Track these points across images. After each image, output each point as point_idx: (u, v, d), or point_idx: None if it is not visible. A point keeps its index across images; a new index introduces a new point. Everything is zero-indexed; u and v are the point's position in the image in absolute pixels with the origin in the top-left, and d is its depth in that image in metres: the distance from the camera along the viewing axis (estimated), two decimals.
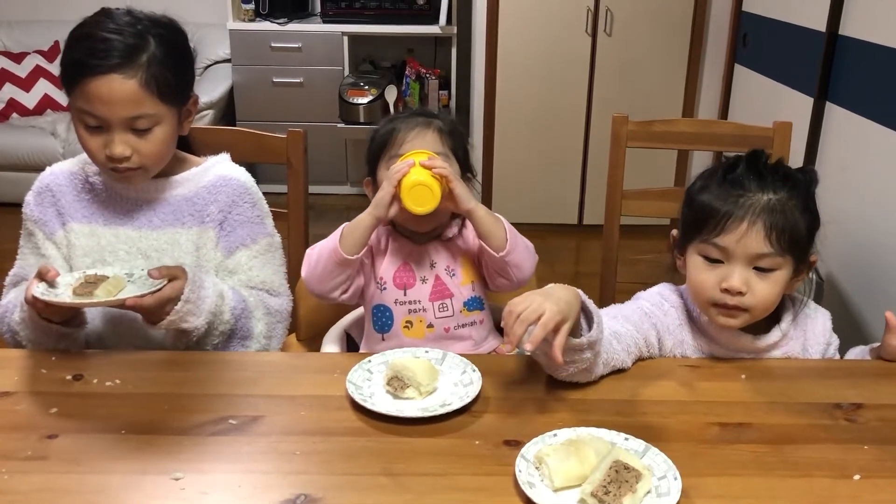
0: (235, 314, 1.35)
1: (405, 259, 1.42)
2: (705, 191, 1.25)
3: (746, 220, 1.19)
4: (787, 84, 2.81)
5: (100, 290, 1.21)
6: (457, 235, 1.45)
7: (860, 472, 1.00)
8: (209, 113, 4.00)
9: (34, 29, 4.35)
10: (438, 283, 1.42)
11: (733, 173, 1.24)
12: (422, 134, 1.40)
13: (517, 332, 1.05)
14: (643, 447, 1.02)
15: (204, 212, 1.40)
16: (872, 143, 2.20)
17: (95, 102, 1.26)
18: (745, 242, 1.20)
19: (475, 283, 1.45)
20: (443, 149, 1.40)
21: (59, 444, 1.03)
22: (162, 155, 1.35)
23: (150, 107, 1.29)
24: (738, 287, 1.20)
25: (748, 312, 1.23)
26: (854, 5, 2.35)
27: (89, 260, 1.38)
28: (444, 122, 1.43)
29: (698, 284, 1.25)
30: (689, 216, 1.27)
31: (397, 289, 1.41)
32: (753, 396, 1.19)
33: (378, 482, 0.97)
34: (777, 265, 1.21)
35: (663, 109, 3.68)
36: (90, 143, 1.31)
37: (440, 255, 1.43)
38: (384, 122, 1.45)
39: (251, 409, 1.12)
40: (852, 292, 2.23)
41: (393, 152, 1.39)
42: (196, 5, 4.17)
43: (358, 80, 4.06)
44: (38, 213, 1.41)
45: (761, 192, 1.21)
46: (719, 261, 1.23)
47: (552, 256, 3.61)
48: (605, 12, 3.68)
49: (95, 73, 1.25)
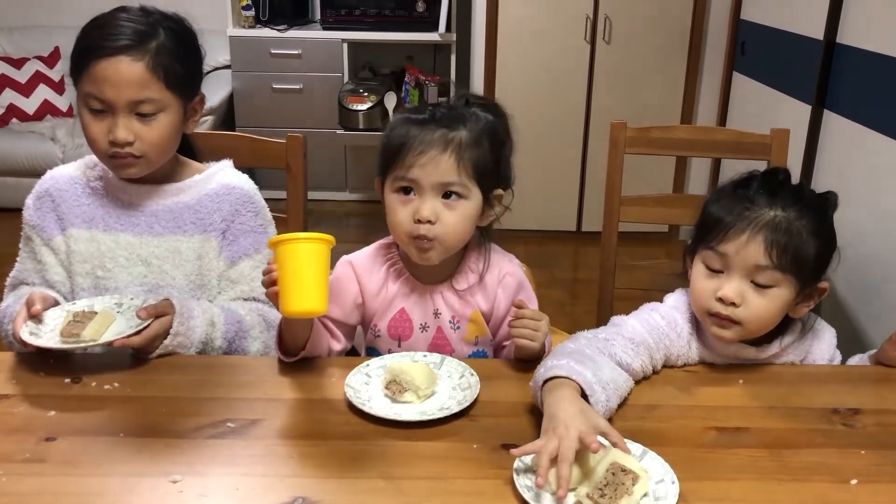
0: (228, 338, 1.34)
1: (404, 303, 1.33)
2: (717, 202, 1.26)
3: (748, 232, 1.19)
4: (784, 92, 2.82)
5: (88, 329, 1.20)
6: (474, 286, 1.33)
7: (857, 477, 1.00)
8: (209, 119, 4.01)
9: (34, 35, 4.36)
10: (439, 336, 1.33)
11: (745, 188, 1.24)
12: (434, 162, 1.21)
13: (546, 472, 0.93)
14: (641, 451, 1.02)
15: (207, 220, 1.40)
16: (870, 151, 2.21)
17: (102, 84, 1.27)
18: (745, 253, 1.19)
19: (480, 339, 1.35)
20: (458, 178, 1.22)
21: (58, 447, 1.03)
22: (164, 146, 1.35)
23: (155, 91, 1.29)
24: (731, 297, 1.20)
25: (741, 326, 1.22)
26: (852, 14, 2.36)
27: (89, 266, 1.38)
28: (473, 129, 1.24)
29: (697, 292, 1.25)
30: (699, 224, 1.28)
31: (391, 339, 1.34)
32: (751, 401, 1.19)
33: (376, 486, 0.97)
34: (775, 282, 1.20)
35: (662, 117, 3.68)
36: (93, 128, 1.31)
37: (447, 304, 1.33)
38: (399, 124, 1.27)
39: (249, 413, 1.12)
40: (850, 301, 2.23)
41: (399, 174, 1.23)
42: (196, 12, 4.14)
43: (357, 86, 4.07)
44: (37, 218, 1.41)
45: (768, 208, 1.20)
46: (719, 271, 1.23)
47: (551, 263, 3.61)
48: (604, 20, 3.69)
49: (104, 54, 1.27)
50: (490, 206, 1.29)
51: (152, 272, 1.38)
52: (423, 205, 1.22)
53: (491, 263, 1.34)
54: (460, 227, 1.24)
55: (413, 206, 1.23)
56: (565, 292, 3.39)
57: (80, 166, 1.44)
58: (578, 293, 3.37)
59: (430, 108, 1.27)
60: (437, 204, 1.23)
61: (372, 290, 1.34)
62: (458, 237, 1.26)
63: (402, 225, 1.24)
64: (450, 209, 1.23)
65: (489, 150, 1.25)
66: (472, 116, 1.26)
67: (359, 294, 1.34)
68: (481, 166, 1.24)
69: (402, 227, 1.24)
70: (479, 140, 1.24)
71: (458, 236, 1.26)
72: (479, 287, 1.34)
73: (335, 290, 1.33)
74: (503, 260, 1.36)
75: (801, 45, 2.67)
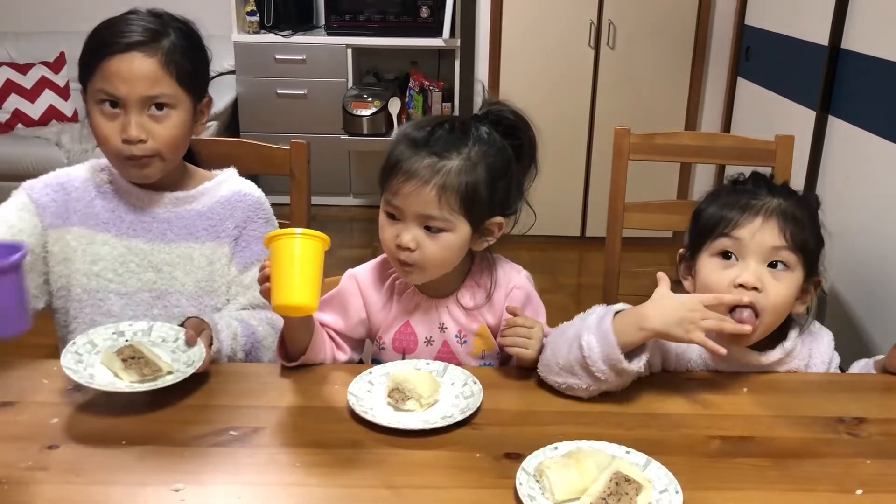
0: (246, 350, 1.34)
1: (410, 317, 1.31)
2: (713, 203, 1.28)
3: (762, 216, 1.22)
4: (789, 97, 2.82)
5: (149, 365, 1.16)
6: (481, 305, 1.31)
7: (862, 487, 1.00)
8: (213, 124, 4.01)
9: (40, 40, 4.37)
10: (445, 350, 1.31)
11: (743, 183, 1.29)
12: (416, 192, 1.17)
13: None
14: (644, 460, 1.01)
15: (219, 227, 1.41)
16: (874, 156, 2.20)
17: (115, 80, 1.27)
18: (761, 237, 1.22)
19: (486, 353, 1.33)
20: (439, 212, 1.18)
21: (60, 455, 1.03)
22: (176, 143, 1.34)
23: (167, 87, 1.30)
24: (753, 282, 1.20)
25: (759, 319, 1.21)
26: (856, 19, 2.36)
27: (97, 268, 1.37)
28: (468, 157, 1.19)
29: (712, 287, 1.23)
30: (698, 229, 1.29)
31: (396, 352, 1.32)
32: (755, 410, 1.18)
33: (379, 494, 0.97)
34: (791, 263, 1.22)
35: (666, 122, 3.68)
36: (105, 128, 1.30)
37: (453, 318, 1.31)
38: (399, 140, 1.23)
39: (252, 421, 1.12)
40: (856, 306, 2.22)
41: (387, 197, 1.21)
42: (201, 17, 4.16)
43: (361, 91, 4.08)
44: (44, 197, 1.38)
45: (772, 197, 1.25)
46: (732, 258, 1.23)
47: (555, 268, 3.61)
48: (608, 25, 3.69)
49: (116, 50, 1.27)
50: (483, 234, 1.26)
51: (162, 278, 1.38)
52: (405, 232, 1.20)
53: (498, 278, 1.32)
54: (441, 256, 1.22)
55: (396, 230, 1.22)
56: (569, 298, 3.39)
57: (87, 168, 1.44)
58: (582, 299, 3.36)
59: (430, 129, 1.21)
60: (419, 232, 1.20)
61: (376, 305, 1.33)
62: (441, 264, 1.24)
63: (387, 244, 1.24)
64: (431, 239, 1.21)
65: (485, 179, 1.20)
66: (475, 140, 1.21)
67: (362, 308, 1.33)
68: (470, 197, 1.19)
69: (387, 245, 1.25)
70: (472, 169, 1.19)
71: (440, 263, 1.23)
72: (490, 303, 1.32)
73: (338, 304, 1.33)
74: (511, 272, 1.34)
75: (805, 50, 2.66)
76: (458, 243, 1.22)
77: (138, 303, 1.38)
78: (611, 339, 1.12)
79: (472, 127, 1.23)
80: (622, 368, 1.13)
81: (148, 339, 1.24)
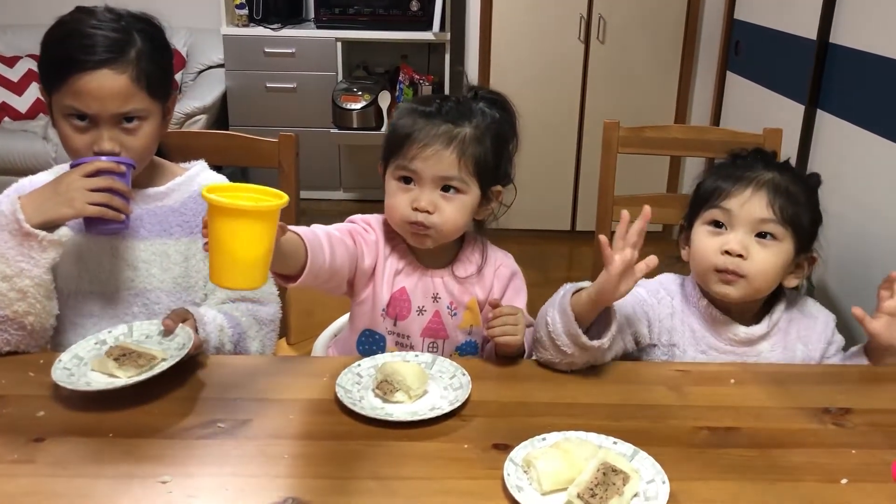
0: (234, 341, 1.34)
1: (406, 282, 1.34)
2: (712, 176, 1.36)
3: (751, 188, 1.29)
4: (778, 91, 2.82)
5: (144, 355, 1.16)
6: (474, 276, 1.36)
7: (848, 477, 1.00)
8: (202, 118, 3.99)
9: (27, 33, 4.34)
10: (435, 320, 1.35)
11: (741, 157, 1.35)
12: (437, 156, 1.24)
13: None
14: (632, 451, 1.02)
15: (193, 222, 1.39)
16: (862, 151, 2.21)
17: (86, 98, 1.24)
18: (749, 207, 1.28)
19: (474, 328, 1.37)
20: (458, 173, 1.25)
21: (46, 448, 1.03)
22: (149, 151, 1.34)
23: (140, 101, 1.28)
24: (737, 249, 1.27)
25: (745, 280, 1.27)
26: (844, 14, 2.36)
27: (75, 270, 1.34)
28: (477, 126, 1.27)
29: (702, 251, 1.31)
30: (696, 199, 1.36)
31: (389, 318, 1.34)
32: (742, 401, 1.19)
33: (367, 486, 0.97)
34: (779, 235, 1.27)
35: (656, 116, 3.69)
36: (76, 140, 1.28)
37: (447, 289, 1.35)
38: (407, 113, 1.29)
39: (240, 413, 1.11)
40: (843, 299, 2.23)
41: (402, 163, 1.26)
42: (190, 10, 4.17)
43: (351, 85, 4.06)
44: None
45: (766, 171, 1.30)
46: (723, 228, 1.30)
47: (545, 263, 3.61)
48: (598, 19, 3.69)
49: (85, 68, 1.23)
50: (487, 201, 1.33)
51: (139, 276, 1.36)
52: (423, 195, 1.26)
53: (488, 255, 1.39)
54: (457, 218, 1.28)
55: (412, 195, 1.27)
56: None
57: (53, 173, 1.37)
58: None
59: (438, 102, 1.29)
60: (436, 195, 1.27)
61: (381, 255, 1.33)
62: (454, 227, 1.30)
63: (399, 210, 1.27)
64: (447, 201, 1.27)
65: (491, 148, 1.28)
66: (479, 112, 1.29)
67: (367, 247, 1.32)
68: (482, 163, 1.27)
69: (398, 211, 1.28)
70: (482, 137, 1.27)
71: (454, 226, 1.29)
72: (478, 276, 1.37)
73: (346, 232, 1.32)
74: (498, 252, 1.42)
75: (794, 44, 2.67)
76: (471, 206, 1.29)
77: (118, 302, 1.36)
78: (569, 314, 1.17)
79: (471, 101, 1.31)
80: (583, 343, 1.17)
81: (131, 339, 1.24)
